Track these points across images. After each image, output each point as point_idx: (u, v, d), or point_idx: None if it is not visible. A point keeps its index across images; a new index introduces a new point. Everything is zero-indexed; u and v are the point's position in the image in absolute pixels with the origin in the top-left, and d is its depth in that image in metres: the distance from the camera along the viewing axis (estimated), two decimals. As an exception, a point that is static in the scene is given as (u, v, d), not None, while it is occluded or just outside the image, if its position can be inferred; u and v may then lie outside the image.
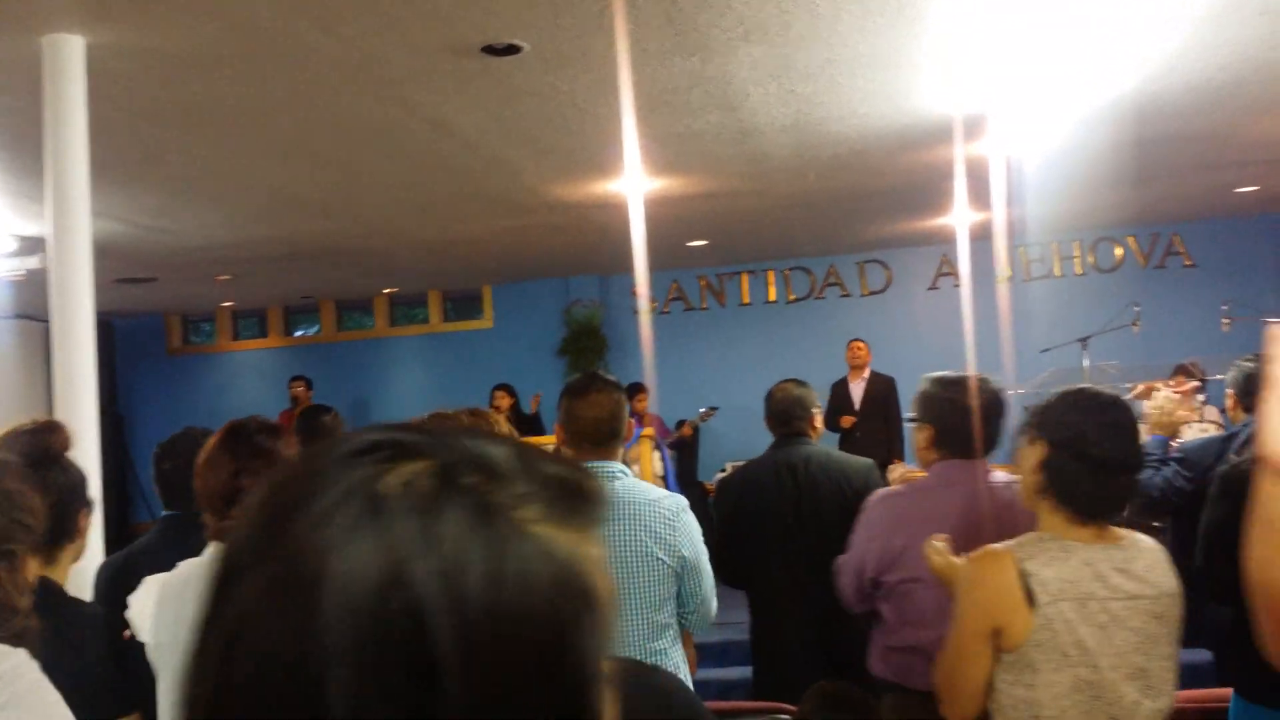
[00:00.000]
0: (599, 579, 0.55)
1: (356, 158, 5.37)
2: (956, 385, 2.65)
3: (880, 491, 2.74)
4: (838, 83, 4.61)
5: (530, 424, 8.77)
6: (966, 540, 2.23)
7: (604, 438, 2.57)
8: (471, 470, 0.54)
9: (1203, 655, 3.65)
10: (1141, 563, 1.99)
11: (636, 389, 8.53)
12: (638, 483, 2.65)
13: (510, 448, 0.57)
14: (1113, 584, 1.94)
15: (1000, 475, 2.66)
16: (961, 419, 2.60)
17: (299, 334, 11.70)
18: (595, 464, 2.56)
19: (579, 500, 0.57)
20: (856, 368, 8.39)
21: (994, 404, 2.64)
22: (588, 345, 10.21)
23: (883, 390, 8.27)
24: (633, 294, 10.56)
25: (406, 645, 0.48)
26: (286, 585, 0.50)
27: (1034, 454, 2.00)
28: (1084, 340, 7.85)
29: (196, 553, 2.05)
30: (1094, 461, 1.94)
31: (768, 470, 3.48)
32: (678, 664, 2.55)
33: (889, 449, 7.81)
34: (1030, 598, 1.90)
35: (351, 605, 0.49)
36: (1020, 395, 7.92)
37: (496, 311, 11.00)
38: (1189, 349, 7.85)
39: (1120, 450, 1.98)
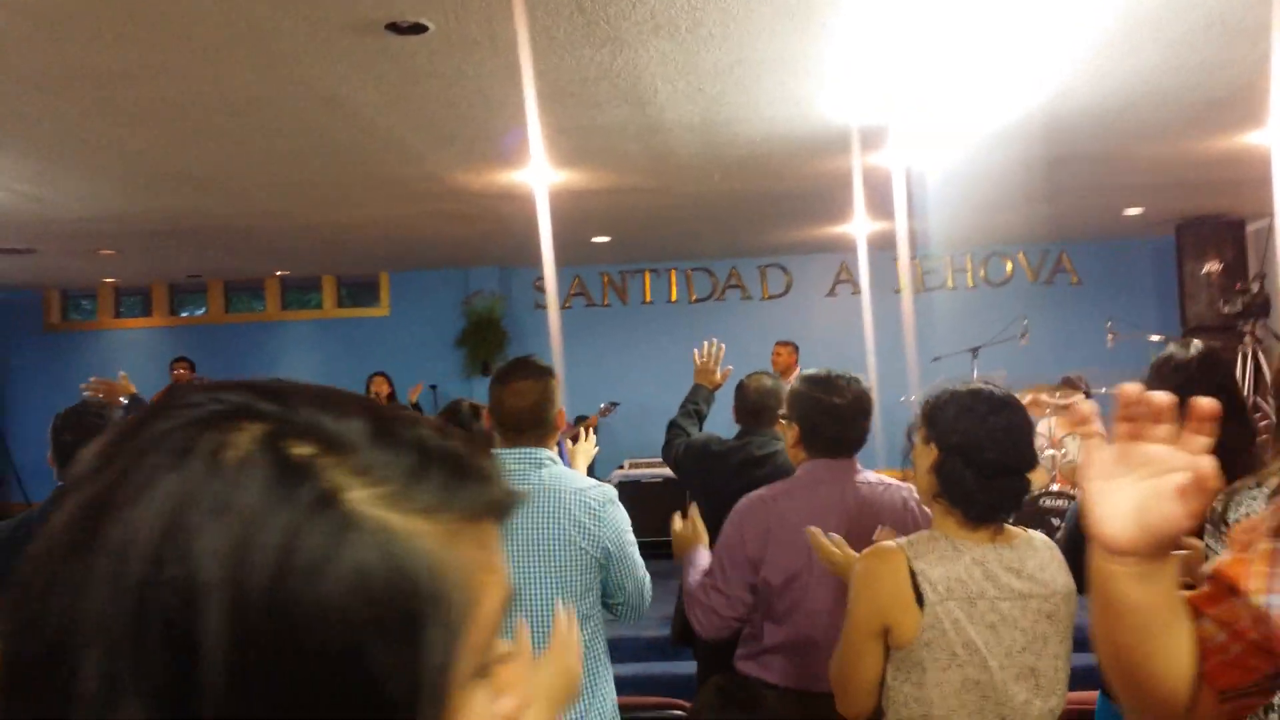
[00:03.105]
0: (448, 576, 0.47)
1: (243, 133, 5.16)
2: (823, 384, 2.65)
3: (748, 495, 2.71)
4: (745, 84, 4.61)
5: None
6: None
7: (531, 425, 2.53)
8: (305, 438, 0.46)
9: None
10: (1033, 562, 1.99)
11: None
12: (565, 470, 2.60)
13: (374, 418, 0.49)
14: (1003, 583, 1.95)
15: (869, 476, 2.67)
16: (826, 418, 2.61)
17: (185, 314, 11.29)
18: (522, 451, 2.51)
19: (454, 481, 0.49)
20: (782, 370, 8.29)
21: (859, 403, 2.65)
22: (487, 337, 10.09)
23: None
24: (534, 288, 10.48)
25: (170, 625, 0.42)
26: (84, 550, 0.44)
27: (927, 457, 2.00)
28: (975, 350, 8.05)
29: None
30: (984, 467, 1.94)
31: (736, 455, 3.42)
32: (599, 655, 2.51)
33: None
34: (919, 596, 1.90)
35: (120, 570, 0.42)
36: (912, 403, 8.09)
37: (394, 299, 10.79)
38: (1075, 362, 8.12)
39: (1011, 455, 1.98)
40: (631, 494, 8.51)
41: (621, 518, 2.55)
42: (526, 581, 2.38)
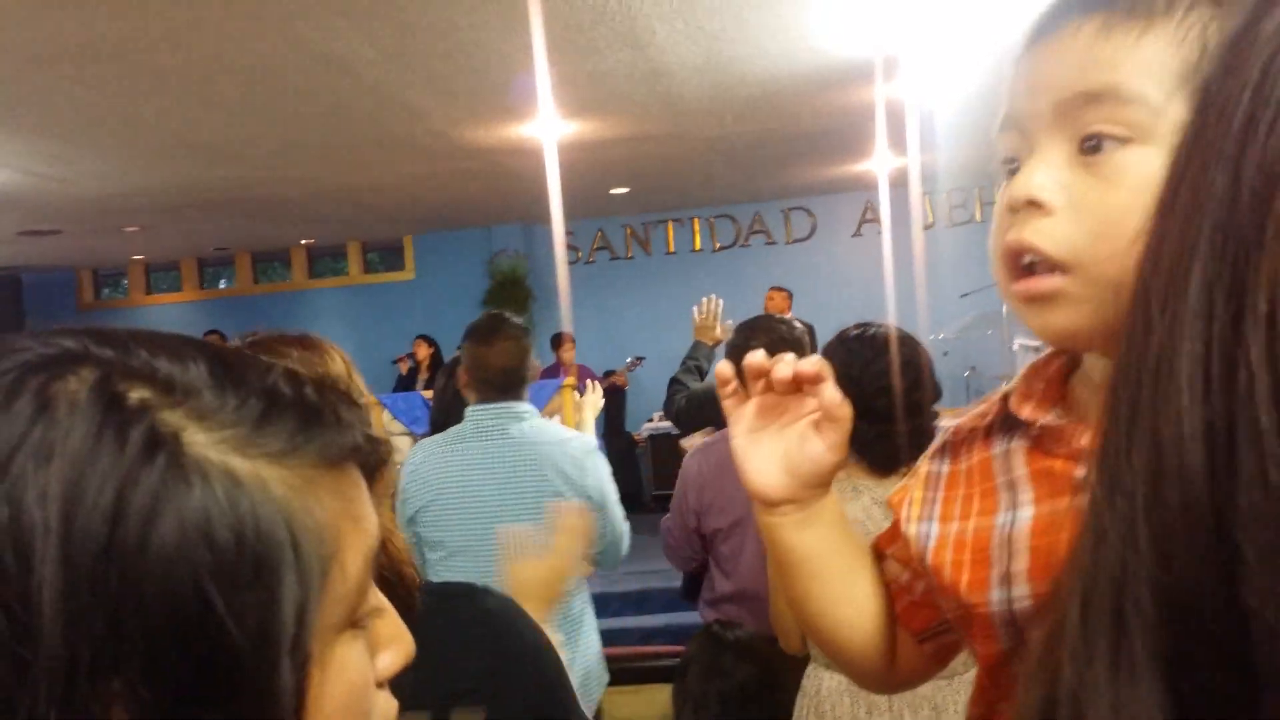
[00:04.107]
0: (300, 521, 0.45)
1: (249, 98, 5.16)
2: (751, 329, 2.61)
3: (694, 446, 2.72)
4: (743, 19, 4.51)
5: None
6: None
7: (515, 382, 2.56)
8: (138, 382, 0.44)
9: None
10: None
11: (561, 339, 8.44)
12: (546, 423, 2.62)
13: (218, 363, 0.47)
14: None
15: None
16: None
17: (215, 287, 11.40)
18: (502, 406, 2.54)
19: (307, 427, 0.47)
20: None
21: (783, 347, 2.60)
22: (513, 296, 10.09)
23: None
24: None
25: (3, 574, 0.40)
26: None
27: None
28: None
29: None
30: (873, 415, 1.88)
31: None
32: (583, 608, 2.54)
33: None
34: None
35: None
36: (940, 340, 7.99)
37: (419, 262, 10.82)
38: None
39: (910, 398, 1.91)
40: (662, 446, 8.54)
41: (603, 467, 2.57)
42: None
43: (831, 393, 0.84)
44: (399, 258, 10.94)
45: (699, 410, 3.49)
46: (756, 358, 0.86)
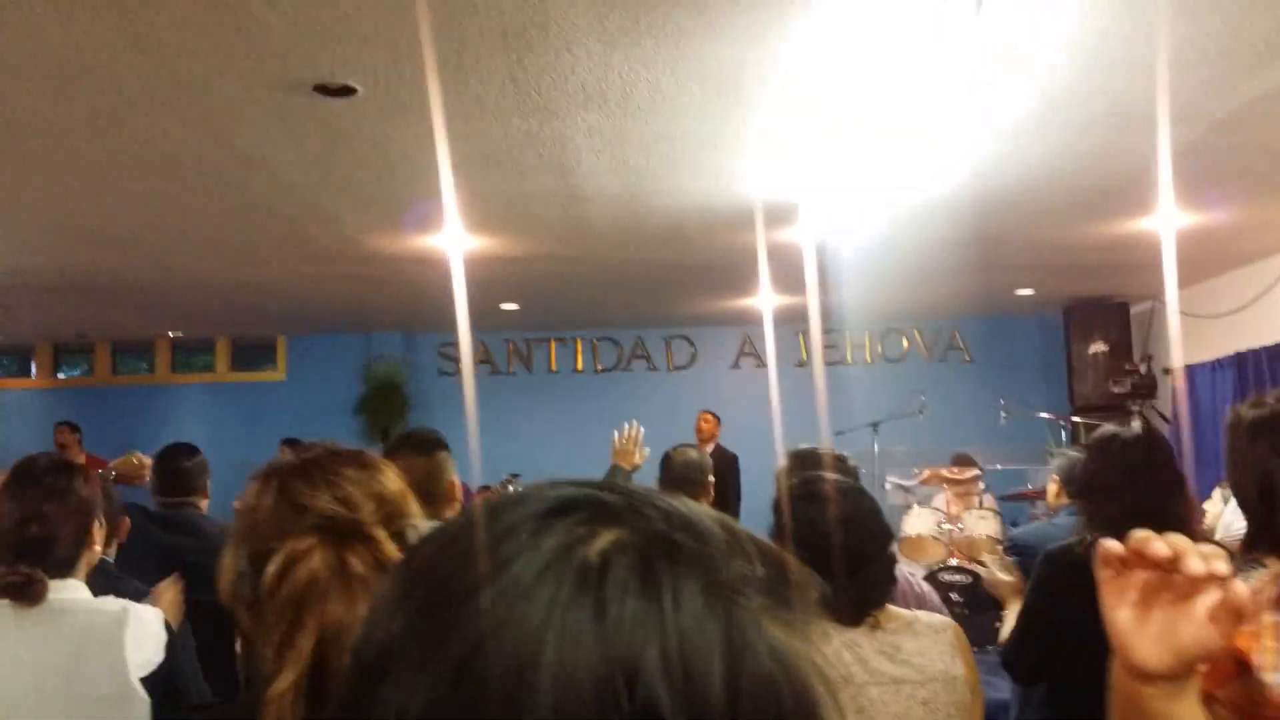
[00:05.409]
0: (824, 693, 0.45)
1: (158, 189, 5.01)
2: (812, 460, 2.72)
3: None
4: (670, 157, 4.68)
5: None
6: None
7: (419, 500, 2.50)
8: (688, 539, 0.44)
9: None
10: (912, 645, 1.96)
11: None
12: None
13: (708, 512, 0.48)
14: (873, 667, 1.92)
15: None
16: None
17: (68, 375, 10.80)
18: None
19: (789, 585, 0.47)
20: (704, 440, 8.24)
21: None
22: (389, 404, 9.89)
23: (724, 465, 8.21)
24: (439, 354, 10.34)
25: None
26: (478, 677, 0.40)
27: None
28: (875, 425, 8.22)
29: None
30: (826, 568, 1.88)
31: None
32: None
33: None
34: None
35: (569, 701, 0.39)
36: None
37: (290, 364, 10.51)
38: (969, 437, 8.34)
39: (853, 548, 1.93)
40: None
41: None
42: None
43: (1241, 590, 0.85)
44: (270, 357, 10.62)
45: None
46: (1143, 537, 0.86)
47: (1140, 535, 0.86)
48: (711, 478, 3.68)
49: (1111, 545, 0.88)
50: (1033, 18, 3.32)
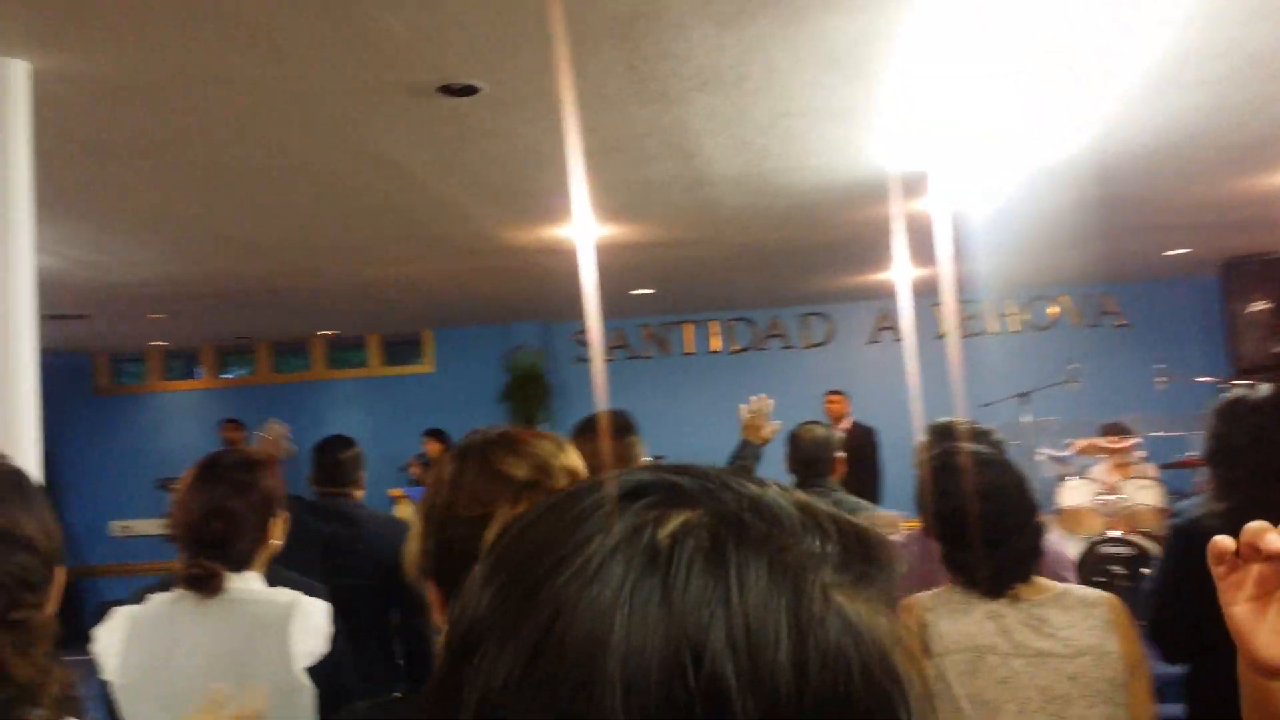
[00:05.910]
0: (904, 662, 0.45)
1: (297, 196, 5.27)
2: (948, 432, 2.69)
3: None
4: (791, 135, 4.65)
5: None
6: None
7: None
8: (757, 520, 0.46)
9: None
10: (1061, 619, 1.93)
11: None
12: None
13: (786, 493, 0.49)
14: (1017, 640, 1.90)
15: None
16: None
17: (231, 375, 11.44)
18: None
19: (870, 561, 0.47)
20: (834, 419, 8.22)
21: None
22: (531, 392, 10.13)
23: (862, 440, 8.16)
24: (574, 341, 10.53)
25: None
26: (553, 654, 0.42)
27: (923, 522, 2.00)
28: (1024, 395, 7.97)
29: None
30: (968, 541, 1.89)
31: None
32: None
33: (873, 499, 7.80)
34: (926, 649, 1.89)
35: (638, 678, 0.40)
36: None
37: (437, 356, 10.88)
38: (1124, 405, 8.02)
39: (993, 523, 1.92)
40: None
41: None
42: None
43: None
44: (417, 351, 11.01)
45: None
46: (1257, 529, 0.85)
47: (1254, 528, 0.84)
48: (841, 454, 3.65)
49: (1223, 541, 0.86)
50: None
